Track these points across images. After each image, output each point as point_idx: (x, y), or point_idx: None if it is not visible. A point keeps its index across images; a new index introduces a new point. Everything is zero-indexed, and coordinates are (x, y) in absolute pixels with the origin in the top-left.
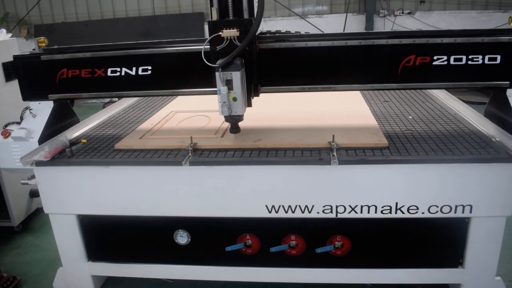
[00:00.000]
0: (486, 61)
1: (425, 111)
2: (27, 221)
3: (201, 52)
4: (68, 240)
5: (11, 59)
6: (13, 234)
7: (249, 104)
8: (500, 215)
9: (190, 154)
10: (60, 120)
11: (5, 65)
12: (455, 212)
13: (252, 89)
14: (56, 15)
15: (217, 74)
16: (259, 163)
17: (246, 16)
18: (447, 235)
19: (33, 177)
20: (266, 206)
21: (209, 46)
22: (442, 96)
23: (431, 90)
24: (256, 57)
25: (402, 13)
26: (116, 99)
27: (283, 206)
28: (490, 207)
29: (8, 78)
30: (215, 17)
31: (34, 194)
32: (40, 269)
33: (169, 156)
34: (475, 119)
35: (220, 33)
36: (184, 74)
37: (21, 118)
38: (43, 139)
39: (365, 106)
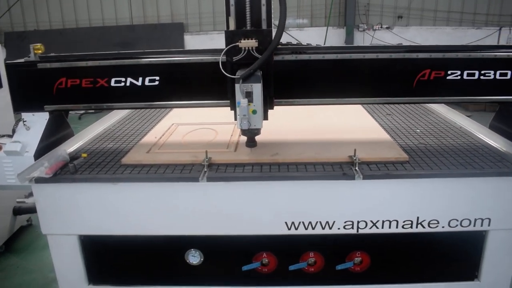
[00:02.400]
0: (498, 77)
1: (430, 124)
2: (10, 241)
3: (213, 63)
4: (67, 262)
5: None
6: None
7: (265, 117)
8: None
9: (205, 170)
10: (56, 132)
11: None
12: (474, 226)
13: (268, 102)
14: (28, 22)
15: (237, 86)
16: (282, 178)
17: (264, 26)
18: (465, 248)
19: (30, 195)
20: (286, 222)
21: (225, 57)
22: (442, 110)
23: (430, 104)
24: (272, 68)
25: (381, 27)
26: (91, 110)
27: (303, 222)
28: (507, 220)
29: None
30: (232, 27)
31: (18, 211)
32: None
33: (183, 171)
34: (482, 132)
35: (238, 43)
36: (194, 85)
37: (13, 131)
38: (39, 153)
39: (371, 119)
